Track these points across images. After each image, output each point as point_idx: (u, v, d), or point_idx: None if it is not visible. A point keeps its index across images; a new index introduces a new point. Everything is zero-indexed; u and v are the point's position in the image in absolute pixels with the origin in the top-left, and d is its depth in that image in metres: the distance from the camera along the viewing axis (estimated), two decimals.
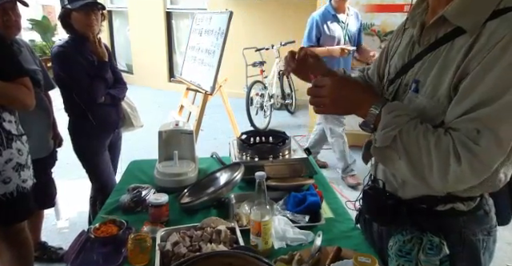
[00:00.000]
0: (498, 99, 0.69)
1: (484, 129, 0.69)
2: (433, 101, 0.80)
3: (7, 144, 1.46)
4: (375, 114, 0.79)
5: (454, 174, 0.71)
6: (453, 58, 0.76)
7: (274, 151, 1.60)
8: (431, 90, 0.80)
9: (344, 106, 0.84)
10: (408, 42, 0.93)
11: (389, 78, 0.98)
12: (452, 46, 0.78)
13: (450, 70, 0.76)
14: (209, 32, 3.56)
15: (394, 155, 0.77)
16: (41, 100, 1.79)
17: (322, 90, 0.82)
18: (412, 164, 0.75)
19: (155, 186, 1.50)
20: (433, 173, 0.73)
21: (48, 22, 8.92)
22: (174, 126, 1.69)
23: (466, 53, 0.73)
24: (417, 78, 0.85)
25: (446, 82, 0.77)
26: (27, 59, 1.78)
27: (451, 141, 0.71)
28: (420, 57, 0.85)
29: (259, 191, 1.08)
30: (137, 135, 2.85)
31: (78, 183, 2.80)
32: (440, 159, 0.71)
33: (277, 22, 5.95)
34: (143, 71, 7.57)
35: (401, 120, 0.76)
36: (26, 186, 1.55)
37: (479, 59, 0.71)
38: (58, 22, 1.95)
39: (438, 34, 0.82)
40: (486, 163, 0.71)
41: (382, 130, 0.77)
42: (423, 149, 0.73)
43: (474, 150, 0.69)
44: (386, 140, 0.76)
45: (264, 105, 4.98)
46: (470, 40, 0.73)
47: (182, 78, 3.90)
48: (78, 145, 2.07)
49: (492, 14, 0.72)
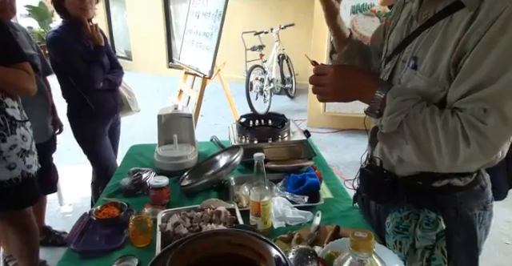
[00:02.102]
0: (501, 77, 0.68)
1: (490, 108, 0.69)
2: (431, 78, 0.79)
3: (11, 130, 1.46)
4: (380, 100, 0.78)
5: (463, 155, 0.71)
6: (452, 33, 0.75)
7: (273, 133, 1.60)
8: (430, 66, 0.79)
9: (348, 93, 0.83)
10: (406, 18, 0.91)
11: (386, 54, 0.97)
12: (451, 21, 0.76)
13: (448, 47, 0.75)
14: (206, 14, 3.51)
15: (401, 140, 0.76)
16: (39, 85, 1.78)
17: (324, 78, 0.81)
18: (420, 149, 0.75)
19: (155, 169, 1.51)
20: (442, 156, 0.72)
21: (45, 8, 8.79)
22: (173, 110, 1.69)
23: (466, 28, 0.72)
24: (415, 54, 0.84)
25: (445, 58, 0.76)
26: (24, 44, 1.77)
27: (458, 122, 0.71)
28: (418, 32, 0.84)
29: (258, 172, 1.09)
30: (136, 120, 2.85)
31: (80, 169, 2.82)
32: (449, 141, 0.71)
33: (276, 4, 5.86)
34: (142, 57, 7.51)
35: (406, 104, 0.75)
36: (31, 171, 1.56)
37: (479, 35, 0.70)
38: None
39: (436, 8, 0.81)
40: (495, 142, 0.71)
41: (388, 115, 0.76)
42: (431, 133, 0.72)
43: (482, 130, 0.69)
44: (392, 126, 0.76)
45: (264, 89, 4.95)
46: (469, 14, 0.72)
47: (181, 62, 3.87)
48: (78, 130, 2.07)
49: None
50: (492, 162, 0.84)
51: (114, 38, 8.27)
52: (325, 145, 3.76)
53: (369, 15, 3.60)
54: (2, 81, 1.41)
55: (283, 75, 5.58)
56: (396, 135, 0.77)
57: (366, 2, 3.55)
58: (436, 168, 0.77)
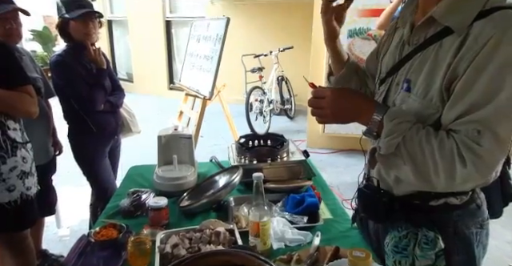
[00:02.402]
0: (492, 100, 0.70)
1: (484, 129, 0.71)
2: (425, 101, 0.81)
3: (12, 152, 1.47)
4: (377, 122, 0.80)
5: (460, 176, 0.72)
6: (443, 57, 0.78)
7: (273, 153, 1.61)
8: (423, 89, 0.82)
9: (346, 116, 0.85)
10: (398, 42, 0.95)
11: (380, 77, 0.99)
12: (441, 46, 0.79)
13: (440, 71, 0.78)
14: (207, 38, 3.60)
15: (399, 161, 0.78)
16: (41, 108, 1.81)
17: (322, 101, 0.84)
18: (418, 169, 0.76)
19: (155, 190, 1.51)
20: (439, 176, 0.74)
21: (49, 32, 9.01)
22: (173, 130, 1.71)
23: (456, 53, 0.75)
24: (408, 77, 0.86)
25: (437, 82, 0.78)
26: (28, 67, 1.81)
27: (454, 143, 0.73)
28: (410, 56, 0.87)
29: (257, 192, 1.09)
30: (137, 142, 2.86)
31: (79, 191, 2.80)
32: (445, 162, 0.73)
33: (275, 28, 6.01)
34: (143, 79, 7.62)
35: (403, 127, 0.77)
36: (30, 193, 1.56)
37: (469, 59, 0.73)
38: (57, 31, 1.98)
39: (427, 33, 0.84)
40: (490, 163, 0.73)
41: (386, 137, 0.78)
42: (428, 154, 0.74)
43: (478, 151, 0.71)
44: (390, 147, 0.78)
45: (263, 110, 5.00)
46: (459, 40, 0.75)
47: (181, 84, 3.94)
48: (79, 152, 2.08)
49: (479, 15, 0.73)
50: (487, 181, 0.85)
51: (116, 60, 8.43)
52: (324, 165, 3.75)
53: (365, 39, 3.69)
54: (5, 103, 1.43)
55: (282, 96, 5.65)
56: (394, 156, 0.79)
57: (362, 27, 3.65)
58: (433, 188, 0.79)
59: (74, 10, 1.86)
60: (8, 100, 1.43)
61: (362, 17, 3.59)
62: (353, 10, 3.60)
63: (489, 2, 0.74)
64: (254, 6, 5.95)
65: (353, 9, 3.58)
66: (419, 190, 0.88)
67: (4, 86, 1.41)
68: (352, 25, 3.68)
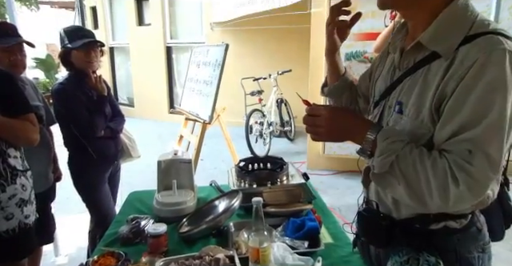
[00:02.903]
0: (482, 120, 0.72)
1: (475, 149, 0.72)
2: (417, 121, 0.83)
3: (11, 180, 1.47)
4: (371, 141, 0.81)
5: (453, 196, 0.73)
6: (431, 80, 0.80)
7: (272, 177, 1.61)
8: (414, 111, 0.84)
9: (340, 134, 0.87)
10: (390, 67, 0.98)
11: (374, 100, 1.02)
12: (429, 69, 0.82)
13: (429, 92, 0.80)
14: (206, 64, 3.67)
15: (394, 180, 0.78)
16: (43, 135, 1.83)
17: (318, 119, 0.85)
18: (411, 189, 0.76)
19: (154, 216, 1.50)
20: (432, 196, 0.74)
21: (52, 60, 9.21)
22: (173, 155, 1.71)
23: (443, 75, 0.77)
24: (399, 99, 0.89)
25: (427, 103, 0.80)
26: (31, 96, 1.84)
27: (447, 163, 0.73)
28: (400, 80, 0.89)
29: (257, 217, 1.09)
30: (136, 166, 2.86)
31: (78, 218, 2.78)
32: (438, 182, 0.73)
33: (273, 52, 6.14)
34: (144, 104, 7.70)
35: (396, 146, 0.78)
36: (29, 222, 1.55)
37: (456, 80, 0.75)
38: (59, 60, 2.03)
39: (415, 58, 0.87)
40: (482, 182, 0.73)
41: (379, 156, 0.79)
42: (421, 173, 0.75)
43: (469, 170, 0.72)
44: (383, 166, 0.78)
45: (263, 133, 5.02)
46: (446, 63, 0.78)
47: (181, 108, 3.98)
48: (78, 179, 2.08)
49: (464, 40, 0.77)
50: (484, 202, 0.85)
51: (117, 85, 8.55)
52: (325, 187, 3.73)
53: (362, 61, 3.77)
54: (7, 131, 1.44)
55: (282, 118, 5.69)
56: (388, 175, 0.79)
57: (359, 50, 3.73)
58: (428, 209, 0.78)
59: (77, 39, 1.91)
60: (10, 128, 1.44)
61: (359, 40, 3.68)
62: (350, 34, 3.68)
63: (473, 27, 0.78)
64: (252, 32, 6.10)
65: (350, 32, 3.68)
66: (418, 212, 0.87)
67: (7, 114, 1.43)
68: (349, 48, 3.77)
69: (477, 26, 0.78)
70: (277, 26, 5.70)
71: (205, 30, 6.66)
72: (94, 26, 8.60)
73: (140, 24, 7.51)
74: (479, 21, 0.79)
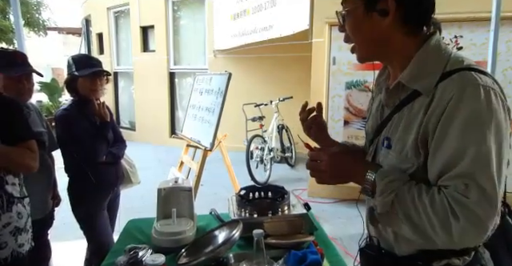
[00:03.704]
0: (464, 154, 0.74)
1: (471, 182, 0.73)
2: (401, 156, 0.86)
3: (7, 208, 1.45)
4: (371, 182, 0.84)
5: (456, 231, 0.73)
6: (414, 116, 0.84)
7: (273, 206, 1.59)
8: (400, 146, 0.87)
9: (342, 177, 0.90)
10: (378, 105, 1.02)
11: (368, 138, 1.05)
12: (413, 106, 0.85)
13: (413, 128, 0.83)
14: (209, 91, 3.73)
15: (398, 219, 0.80)
16: (44, 161, 1.83)
17: (320, 164, 0.90)
18: (415, 227, 0.77)
19: (153, 246, 1.47)
20: (437, 233, 0.75)
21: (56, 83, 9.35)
22: (173, 183, 1.70)
23: (425, 111, 0.81)
24: (388, 135, 0.92)
25: (411, 138, 0.83)
26: (35, 122, 1.86)
27: (445, 198, 0.74)
28: (389, 118, 0.93)
29: (258, 249, 1.07)
30: (136, 191, 2.83)
31: (74, 245, 2.71)
32: (439, 218, 0.74)
33: (275, 79, 6.24)
34: (145, 128, 7.74)
35: (395, 185, 0.80)
36: (22, 251, 1.51)
37: (436, 116, 0.78)
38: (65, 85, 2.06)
39: (400, 96, 0.90)
40: (482, 215, 0.73)
41: (379, 196, 0.81)
42: (421, 211, 0.76)
43: (467, 204, 0.72)
44: (385, 206, 0.81)
45: (264, 158, 5.01)
46: (427, 100, 0.81)
47: (183, 134, 3.99)
48: (77, 205, 2.06)
49: (441, 77, 0.80)
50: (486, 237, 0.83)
51: (120, 109, 8.64)
52: (327, 216, 3.68)
53: (363, 90, 3.83)
54: (6, 159, 1.44)
55: (283, 144, 5.69)
56: (391, 214, 0.81)
57: (359, 79, 3.81)
58: (436, 245, 0.78)
59: (84, 68, 1.95)
60: (9, 156, 1.44)
61: (359, 70, 3.76)
62: (350, 64, 3.78)
63: (448, 64, 0.82)
64: (254, 59, 6.23)
65: (349, 62, 3.78)
66: (420, 249, 0.86)
67: (7, 141, 1.44)
68: (349, 77, 3.84)
69: (452, 62, 0.82)
70: (278, 54, 5.84)
71: (208, 56, 6.81)
72: (99, 52, 8.82)
73: (144, 50, 7.69)
74: (453, 58, 0.83)
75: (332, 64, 3.88)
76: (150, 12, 7.23)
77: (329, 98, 3.96)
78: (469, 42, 3.40)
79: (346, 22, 0.90)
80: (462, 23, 3.39)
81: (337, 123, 3.95)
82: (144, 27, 7.56)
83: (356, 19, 0.88)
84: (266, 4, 5.05)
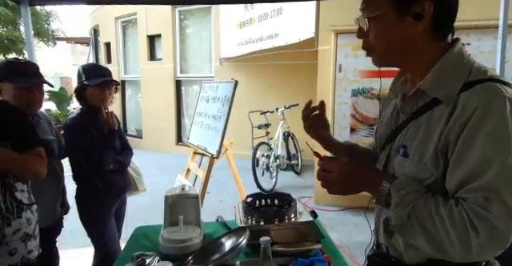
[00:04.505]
0: (490, 167, 0.72)
1: (492, 196, 0.72)
2: (420, 165, 0.84)
3: (17, 214, 1.47)
4: (385, 193, 0.82)
5: (476, 245, 0.72)
6: (434, 125, 0.82)
7: (280, 214, 1.59)
8: (418, 155, 0.85)
9: (355, 188, 0.88)
10: (393, 111, 1.00)
11: (380, 144, 1.03)
12: (432, 115, 0.84)
13: (433, 137, 0.81)
14: (215, 99, 3.75)
15: (414, 232, 0.79)
16: (53, 169, 1.85)
17: (332, 175, 0.86)
18: (432, 239, 0.76)
19: (160, 253, 1.47)
20: (454, 246, 0.74)
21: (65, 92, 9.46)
22: (180, 190, 1.71)
23: (446, 121, 0.79)
24: (404, 143, 0.90)
25: (431, 147, 0.81)
26: (45, 130, 1.88)
27: (464, 212, 0.73)
28: (405, 124, 0.91)
29: (264, 257, 1.07)
30: (143, 199, 2.85)
31: (81, 252, 2.72)
32: (458, 232, 0.73)
33: (280, 87, 6.26)
34: (152, 136, 7.79)
35: (411, 197, 0.78)
36: (32, 257, 1.52)
37: (459, 126, 0.76)
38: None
39: (418, 103, 0.89)
40: (504, 230, 0.72)
41: (395, 208, 0.79)
42: (438, 224, 0.75)
43: (489, 218, 0.71)
44: (400, 218, 0.79)
45: (270, 166, 5.01)
46: (449, 109, 0.79)
47: (190, 142, 4.01)
48: (86, 212, 2.07)
49: (464, 86, 0.79)
50: None
51: (127, 117, 8.72)
52: (333, 224, 3.65)
53: (369, 98, 3.83)
54: (15, 165, 1.46)
55: (289, 152, 5.68)
56: (408, 227, 0.79)
57: (365, 86, 3.81)
58: (453, 258, 0.77)
59: (94, 77, 1.98)
60: (18, 162, 1.46)
61: (365, 77, 3.76)
62: (356, 71, 3.79)
63: (471, 74, 0.80)
64: (260, 67, 6.27)
65: (355, 70, 3.79)
66: (431, 257, 0.85)
67: (17, 148, 1.46)
68: (355, 84, 3.85)
69: (475, 72, 0.81)
70: (284, 61, 5.87)
71: (214, 64, 6.87)
72: (107, 61, 8.94)
73: (151, 59, 7.79)
74: (476, 68, 0.82)
75: (338, 71, 3.89)
76: (156, 21, 7.33)
77: (335, 105, 3.96)
78: (476, 50, 3.39)
79: (373, 27, 0.86)
80: (469, 31, 3.39)
81: (343, 131, 3.95)
82: (151, 36, 7.66)
83: (386, 24, 0.84)
84: (272, 12, 5.11)
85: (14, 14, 8.71)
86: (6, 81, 1.71)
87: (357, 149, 1.22)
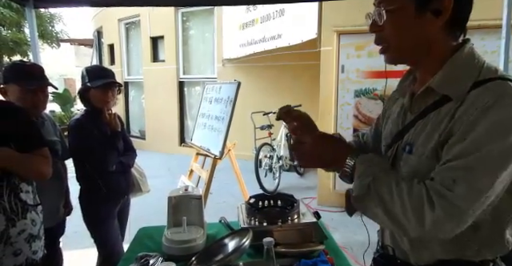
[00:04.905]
0: (477, 151, 0.72)
1: (459, 178, 0.72)
2: (421, 159, 0.84)
3: (22, 215, 1.48)
4: (351, 165, 0.86)
5: (429, 220, 0.73)
6: (440, 121, 0.82)
7: (283, 215, 1.59)
8: (421, 149, 0.85)
9: (324, 159, 0.93)
10: (400, 111, 1.00)
11: (386, 143, 1.02)
12: (439, 112, 0.84)
13: (437, 132, 0.82)
14: (218, 100, 3.76)
15: (371, 203, 0.81)
16: (57, 170, 1.86)
17: (304, 146, 0.92)
18: (388, 212, 0.78)
19: (163, 254, 1.48)
20: (409, 219, 0.75)
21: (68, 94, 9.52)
22: (184, 191, 1.71)
23: (452, 115, 0.79)
24: (410, 141, 0.90)
25: (433, 141, 0.82)
26: (49, 131, 1.89)
27: (424, 188, 0.75)
28: (413, 123, 0.91)
29: (268, 258, 1.07)
30: (146, 200, 2.85)
31: (85, 253, 2.74)
32: (413, 205, 0.74)
33: (283, 87, 6.26)
34: (155, 137, 7.82)
35: (374, 170, 0.82)
36: (36, 258, 1.53)
37: (464, 119, 0.76)
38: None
39: (427, 102, 0.88)
40: (462, 208, 0.71)
41: (357, 179, 0.83)
42: (396, 196, 0.77)
43: (448, 196, 0.72)
44: (361, 189, 0.82)
45: (273, 167, 5.01)
46: (456, 105, 0.79)
47: (192, 143, 4.02)
48: (89, 213, 2.08)
49: (473, 85, 0.79)
50: (504, 248, 0.82)
51: (130, 118, 8.75)
52: (336, 225, 3.64)
53: (372, 98, 3.82)
54: (20, 166, 1.47)
55: (292, 153, 5.66)
56: (366, 197, 0.82)
57: (368, 87, 3.80)
58: (407, 233, 0.77)
59: (97, 79, 1.99)
60: (22, 162, 1.47)
61: (368, 78, 3.76)
62: (358, 72, 3.78)
63: (481, 73, 0.80)
64: (263, 68, 6.27)
65: (358, 70, 3.79)
66: (438, 258, 0.84)
67: (21, 149, 1.47)
68: (358, 85, 3.84)
69: (485, 72, 0.81)
70: (287, 62, 5.87)
71: (216, 66, 6.89)
72: (110, 62, 8.98)
73: (154, 60, 7.82)
74: (487, 67, 0.82)
75: (341, 72, 3.89)
76: (159, 23, 7.36)
77: (338, 106, 3.96)
78: (480, 50, 3.33)
79: (389, 21, 0.83)
80: (472, 31, 3.36)
81: (346, 131, 3.95)
82: (154, 38, 7.69)
83: (404, 18, 0.82)
84: (274, 13, 5.11)
85: (18, 16, 8.78)
86: (12, 83, 1.72)
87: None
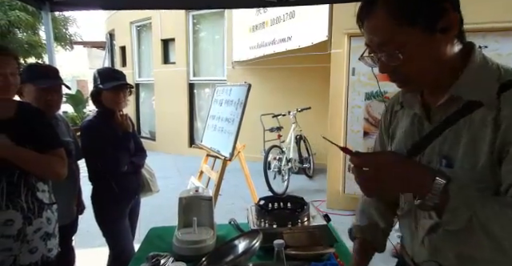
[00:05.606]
0: None
1: None
2: (474, 173, 0.77)
3: (38, 213, 1.51)
4: (439, 191, 0.70)
5: None
6: (479, 131, 0.77)
7: (293, 217, 1.59)
8: (468, 163, 0.78)
9: (397, 186, 0.74)
10: (412, 121, 0.94)
11: None
12: (472, 119, 0.79)
13: (483, 144, 0.76)
14: (229, 102, 3.78)
15: (474, 237, 0.69)
16: (70, 170, 1.89)
17: (367, 172, 0.74)
18: (498, 243, 0.68)
19: (174, 254, 1.49)
20: None
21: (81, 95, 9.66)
22: (194, 192, 1.73)
23: (495, 124, 0.75)
24: (444, 153, 0.83)
25: (483, 154, 0.76)
26: (63, 132, 1.93)
27: None
28: (438, 133, 0.84)
29: (278, 260, 1.07)
30: (156, 200, 2.88)
31: (97, 252, 2.76)
32: None
33: (292, 90, 6.27)
34: (165, 138, 7.88)
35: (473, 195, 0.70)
36: (51, 255, 1.56)
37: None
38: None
39: (448, 111, 0.83)
40: None
41: (455, 210, 0.69)
42: (506, 223, 0.67)
43: None
44: (461, 221, 0.69)
45: (282, 169, 5.00)
46: (493, 114, 0.75)
47: (203, 144, 4.05)
48: (101, 213, 2.11)
49: (501, 87, 0.76)
50: None
51: (141, 119, 8.84)
52: (346, 228, 3.59)
53: (383, 101, 3.79)
54: (36, 165, 1.50)
55: (301, 155, 5.66)
56: (466, 231, 0.70)
57: (379, 90, 3.77)
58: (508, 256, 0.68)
59: (108, 81, 2.02)
60: (39, 162, 1.50)
61: (379, 80, 3.72)
62: (369, 75, 3.76)
63: (502, 75, 0.78)
64: (272, 70, 6.28)
65: (369, 73, 3.76)
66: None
67: (38, 149, 1.51)
68: (369, 88, 3.82)
69: (504, 73, 0.79)
70: (297, 65, 5.87)
71: (226, 68, 6.92)
72: (122, 64, 9.09)
73: (165, 62, 7.89)
74: (504, 69, 0.80)
75: (351, 75, 3.88)
76: (170, 25, 7.43)
77: (348, 108, 3.94)
78: (494, 53, 3.33)
79: (405, 56, 0.78)
80: (485, 33, 3.34)
81: (356, 134, 3.93)
82: (165, 40, 7.77)
83: (418, 48, 0.78)
84: (284, 16, 5.12)
85: (33, 19, 8.95)
86: (28, 82, 1.77)
87: None
